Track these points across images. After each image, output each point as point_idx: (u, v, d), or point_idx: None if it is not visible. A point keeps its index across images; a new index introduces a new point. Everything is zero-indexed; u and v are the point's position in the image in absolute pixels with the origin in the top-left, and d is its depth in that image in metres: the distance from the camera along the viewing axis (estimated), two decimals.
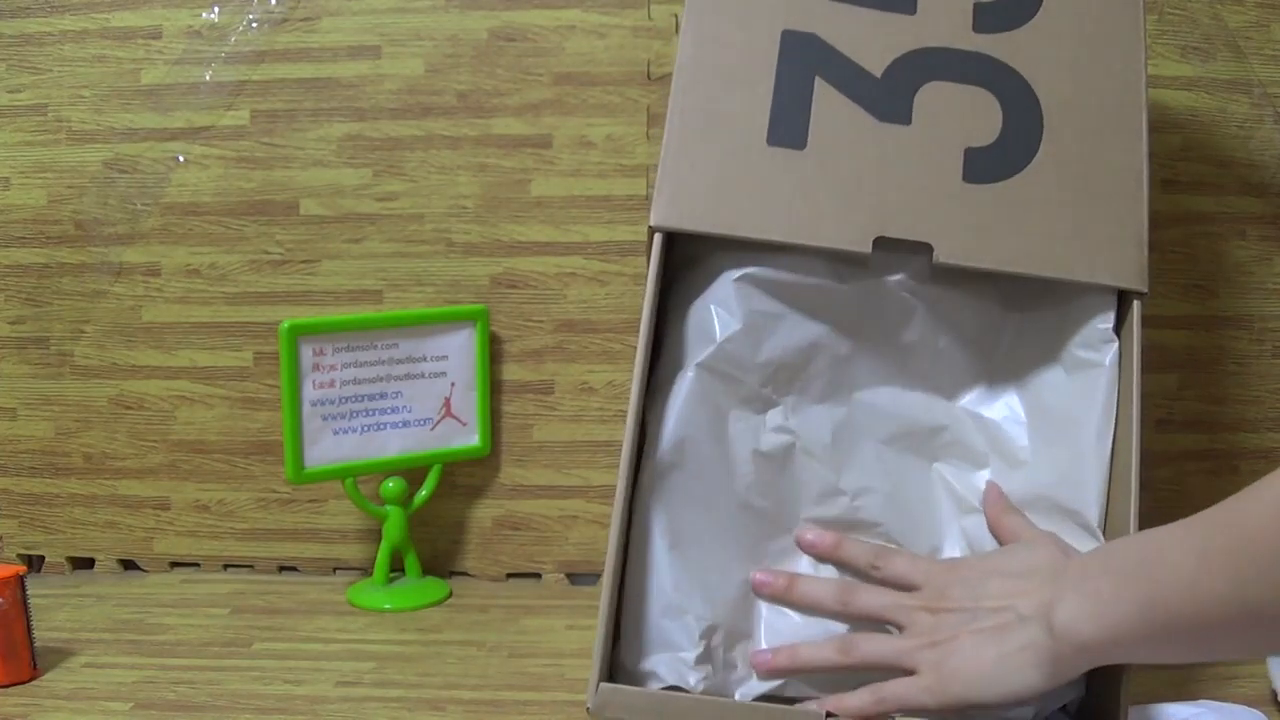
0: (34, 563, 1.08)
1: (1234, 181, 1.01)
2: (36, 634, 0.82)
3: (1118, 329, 0.70)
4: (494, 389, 1.04)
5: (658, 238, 0.69)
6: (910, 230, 0.69)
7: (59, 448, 1.07)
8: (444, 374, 1.01)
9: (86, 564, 1.08)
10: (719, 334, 0.70)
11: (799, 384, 0.73)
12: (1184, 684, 0.79)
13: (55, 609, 0.96)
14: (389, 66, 1.02)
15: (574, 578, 1.05)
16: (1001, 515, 0.70)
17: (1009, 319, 0.75)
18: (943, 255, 0.69)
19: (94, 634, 0.90)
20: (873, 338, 0.74)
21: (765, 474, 0.70)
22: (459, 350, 1.01)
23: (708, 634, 0.66)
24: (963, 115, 0.72)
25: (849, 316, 0.73)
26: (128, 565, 1.08)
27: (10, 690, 0.79)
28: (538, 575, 1.06)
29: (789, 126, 0.71)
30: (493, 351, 1.03)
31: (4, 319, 1.06)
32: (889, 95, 0.71)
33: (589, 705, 0.61)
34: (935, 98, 0.72)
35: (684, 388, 0.69)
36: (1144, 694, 0.69)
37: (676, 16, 1.01)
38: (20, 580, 0.80)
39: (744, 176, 0.70)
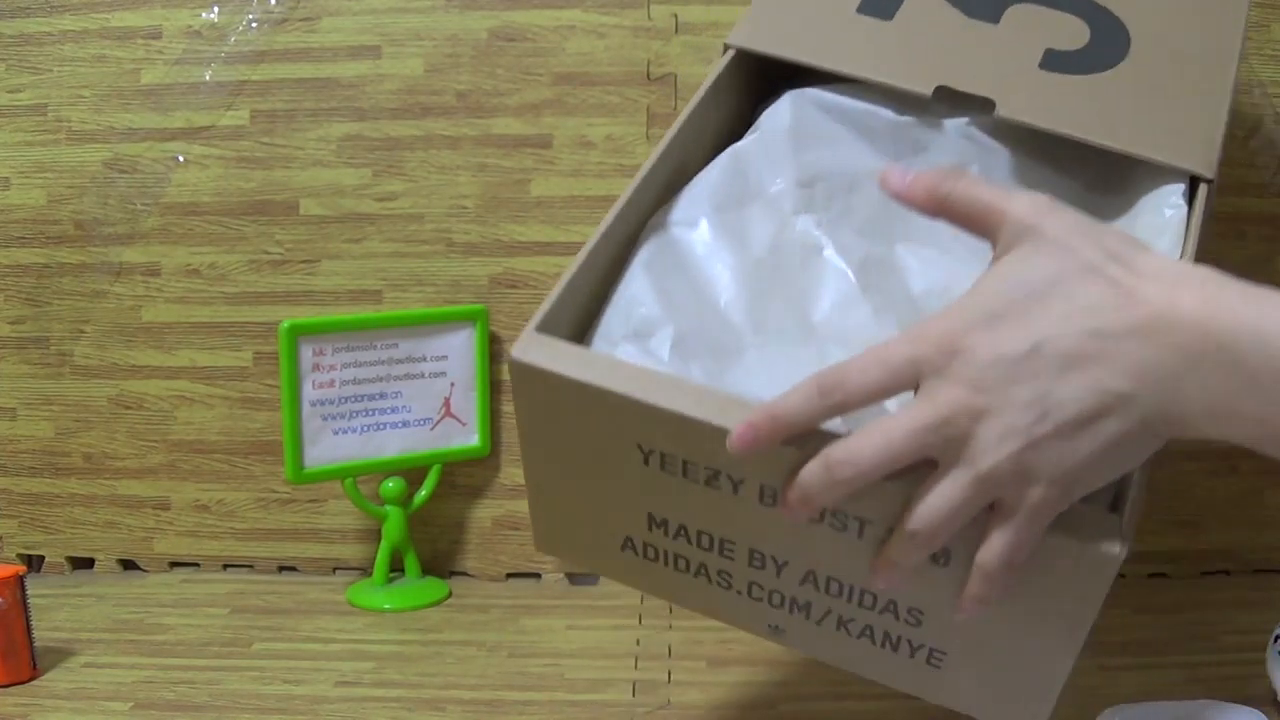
0: (34, 563, 1.08)
1: (1234, 181, 1.01)
2: (36, 634, 0.82)
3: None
4: (494, 389, 1.04)
5: (728, 54, 0.72)
6: (976, 87, 0.70)
7: (59, 448, 1.07)
8: (444, 374, 1.01)
9: (86, 564, 1.08)
10: (765, 125, 0.71)
11: (841, 205, 0.71)
12: (1184, 684, 0.79)
13: (55, 609, 0.96)
14: (389, 66, 1.02)
15: (574, 578, 1.05)
16: (951, 191, 0.53)
17: (1070, 192, 0.74)
18: (1004, 110, 0.69)
19: (94, 634, 0.90)
20: None
21: (782, 259, 0.68)
22: (459, 350, 1.01)
23: (648, 325, 0.62)
24: (1050, 28, 0.74)
25: (904, 155, 0.73)
26: (128, 565, 1.08)
27: (10, 690, 0.79)
28: (538, 575, 1.06)
29: (881, 1, 0.75)
30: (493, 351, 1.03)
31: (4, 319, 1.06)
32: (982, 3, 0.75)
33: (513, 353, 0.56)
34: (1026, 12, 0.75)
35: (718, 163, 0.69)
36: (1145, 693, 0.68)
37: (676, 16, 1.01)
38: (20, 580, 0.80)
39: (826, 28, 0.74)
